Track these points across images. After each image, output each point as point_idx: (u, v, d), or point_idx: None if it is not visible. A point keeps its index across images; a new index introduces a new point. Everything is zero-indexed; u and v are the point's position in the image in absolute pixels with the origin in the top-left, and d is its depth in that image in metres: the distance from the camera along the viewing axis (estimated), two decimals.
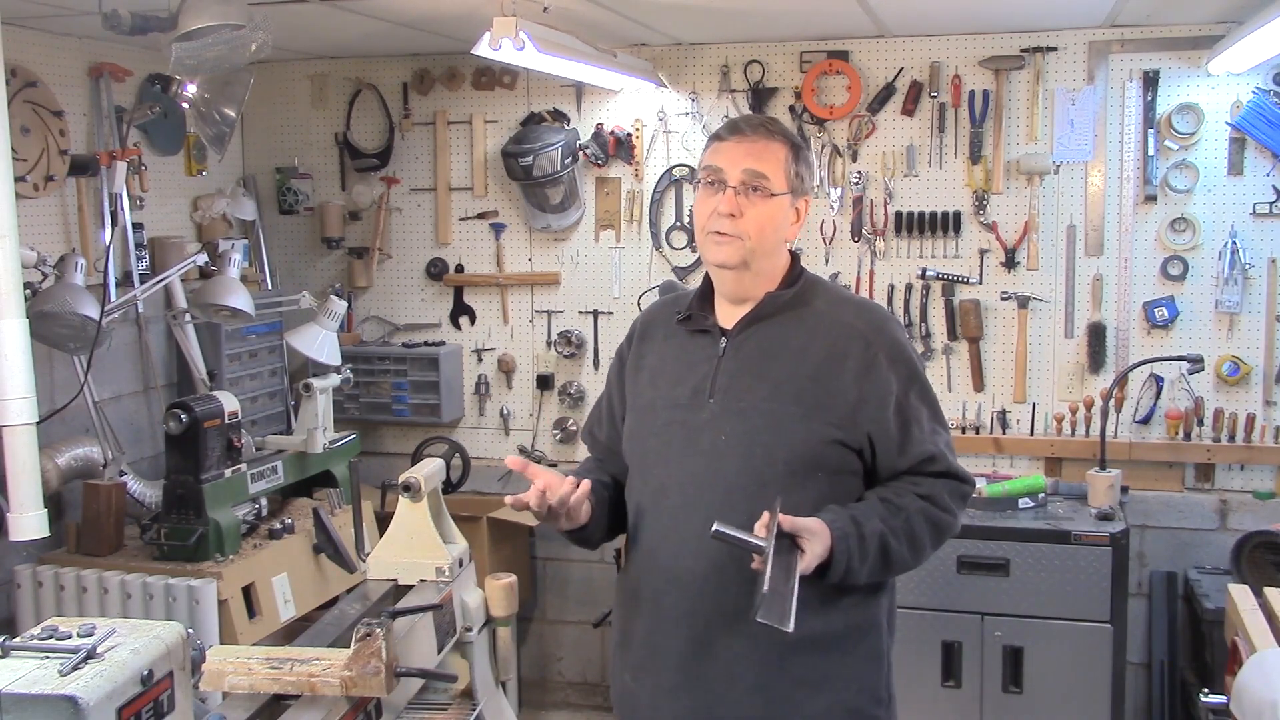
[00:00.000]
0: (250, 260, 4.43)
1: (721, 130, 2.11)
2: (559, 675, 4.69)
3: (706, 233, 2.07)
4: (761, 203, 2.04)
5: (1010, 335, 4.06)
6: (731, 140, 2.07)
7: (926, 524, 2.04)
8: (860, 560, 1.96)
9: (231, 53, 2.64)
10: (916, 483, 2.07)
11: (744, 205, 2.03)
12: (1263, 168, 3.82)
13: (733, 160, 2.05)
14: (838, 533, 1.93)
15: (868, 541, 1.96)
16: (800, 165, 2.10)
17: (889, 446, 2.05)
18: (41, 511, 2.15)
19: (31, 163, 3.49)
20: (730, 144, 2.07)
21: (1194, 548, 3.96)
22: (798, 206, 2.11)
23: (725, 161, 2.05)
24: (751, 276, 2.09)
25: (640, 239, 4.36)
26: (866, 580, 2.01)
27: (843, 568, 1.94)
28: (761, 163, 2.04)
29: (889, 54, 4.06)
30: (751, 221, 2.03)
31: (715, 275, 2.14)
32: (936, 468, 2.07)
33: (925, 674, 3.66)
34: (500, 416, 4.55)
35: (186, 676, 1.63)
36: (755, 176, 2.03)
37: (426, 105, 4.49)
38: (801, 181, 2.10)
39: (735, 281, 2.10)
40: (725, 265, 2.07)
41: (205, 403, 3.43)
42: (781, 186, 2.06)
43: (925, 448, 2.06)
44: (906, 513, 2.02)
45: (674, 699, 2.08)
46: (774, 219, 2.06)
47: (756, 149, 2.05)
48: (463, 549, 2.62)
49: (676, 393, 2.12)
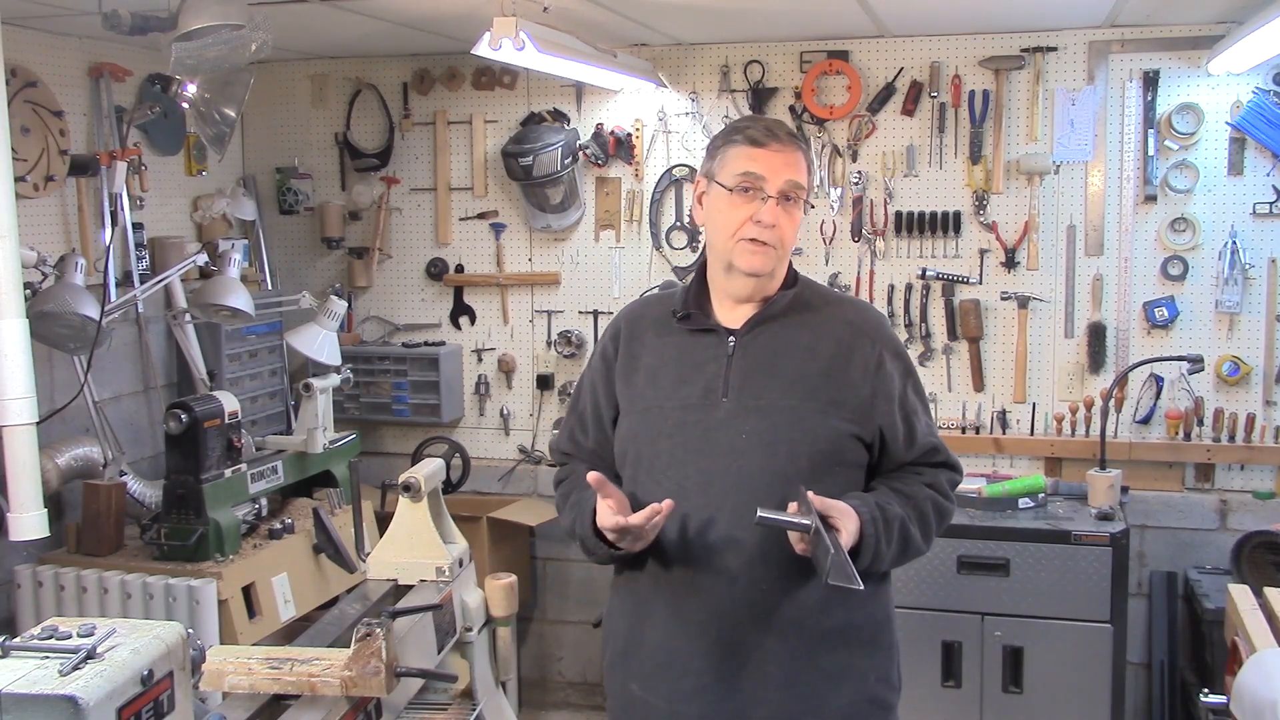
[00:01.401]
0: (250, 260, 4.43)
1: (756, 135, 2.06)
2: (559, 675, 4.69)
3: (739, 239, 2.05)
4: (796, 212, 2.08)
5: (1010, 335, 4.06)
6: (770, 149, 2.04)
7: (934, 511, 2.13)
8: (886, 544, 2.01)
9: (231, 53, 2.64)
10: (920, 472, 2.15)
11: (782, 215, 2.05)
12: (1263, 168, 3.82)
13: (774, 170, 2.03)
14: (865, 516, 1.98)
15: (891, 526, 2.02)
16: (812, 171, 2.18)
17: (897, 440, 2.12)
18: (41, 511, 2.15)
19: (31, 163, 3.49)
20: (768, 153, 2.04)
21: (1194, 548, 3.96)
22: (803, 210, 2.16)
23: (766, 170, 2.03)
24: (770, 280, 2.12)
25: (640, 239, 4.36)
26: (889, 566, 2.08)
27: (871, 551, 1.98)
28: (799, 173, 2.06)
29: (889, 54, 4.06)
30: (787, 230, 2.07)
31: (734, 280, 2.11)
32: (939, 458, 2.17)
33: (925, 674, 3.65)
34: (500, 416, 4.56)
35: (186, 676, 1.63)
36: (795, 188, 2.05)
37: (426, 105, 4.49)
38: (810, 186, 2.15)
39: (758, 286, 2.11)
40: (759, 273, 2.07)
41: (205, 403, 3.43)
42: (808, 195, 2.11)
43: (930, 440, 2.16)
44: (917, 500, 2.10)
45: (699, 703, 2.06)
46: (797, 226, 2.10)
47: (793, 160, 2.06)
48: (463, 549, 2.63)
49: (685, 392, 2.10)
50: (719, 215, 2.08)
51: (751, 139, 2.06)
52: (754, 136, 2.06)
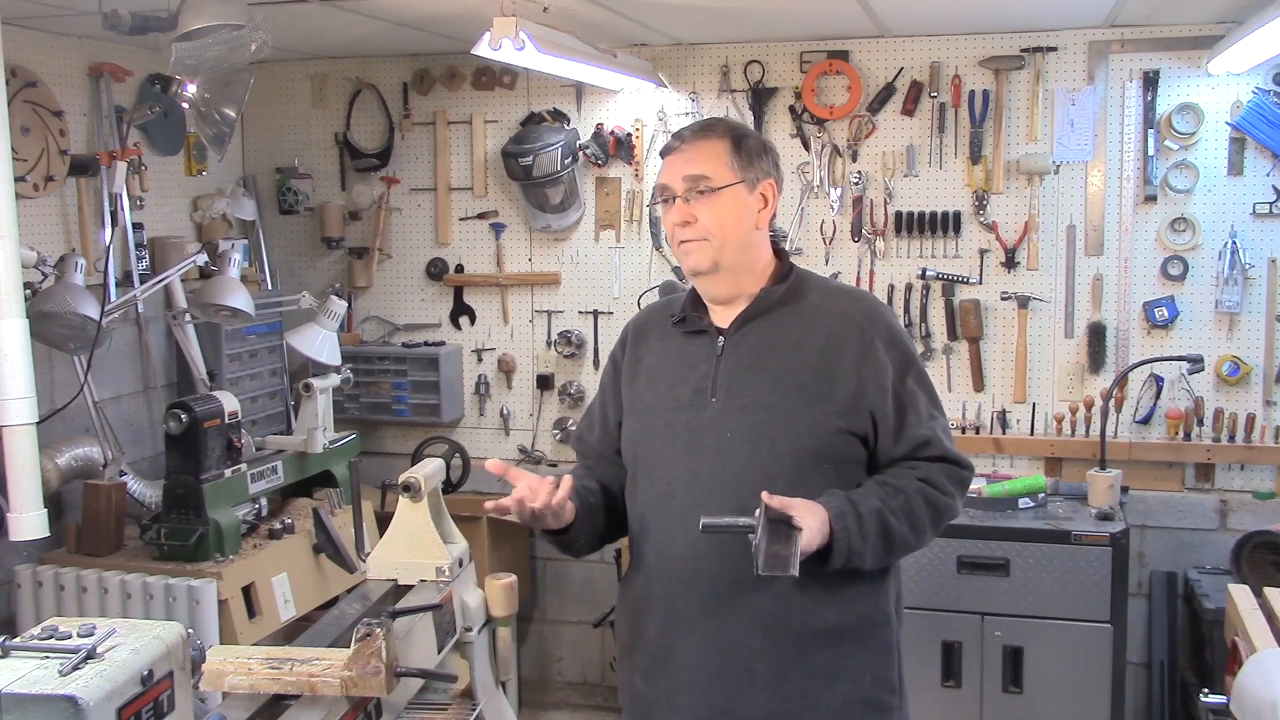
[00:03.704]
0: (250, 260, 4.43)
1: (667, 145, 2.17)
2: (559, 675, 4.69)
3: (677, 244, 2.13)
4: (710, 200, 2.07)
5: (1010, 335, 4.06)
6: (671, 155, 2.14)
7: (925, 504, 2.06)
8: (861, 539, 1.97)
9: (231, 53, 2.64)
10: (914, 466, 2.09)
11: (694, 210, 2.08)
12: (1263, 168, 3.82)
13: (673, 171, 2.11)
14: (834, 511, 1.95)
15: (865, 521, 1.98)
16: (744, 154, 2.10)
17: (886, 431, 2.07)
18: (41, 511, 2.15)
19: (31, 163, 3.50)
20: (670, 158, 2.14)
21: (1194, 548, 3.96)
22: (762, 192, 2.12)
23: (668, 176, 2.12)
24: (730, 274, 2.11)
25: (640, 239, 4.36)
26: (872, 564, 2.02)
27: (844, 547, 1.95)
28: (697, 164, 2.08)
29: (889, 54, 4.06)
30: (708, 221, 2.07)
31: (697, 282, 2.18)
32: (932, 452, 2.09)
33: (925, 674, 3.65)
34: (500, 416, 4.55)
35: (186, 676, 1.63)
36: (695, 180, 2.08)
37: (426, 105, 4.49)
38: (752, 166, 2.11)
39: (714, 283, 2.13)
40: (700, 270, 2.11)
41: (205, 403, 3.43)
42: (725, 178, 2.08)
43: (920, 432, 2.08)
44: (905, 493, 2.04)
45: (692, 698, 2.09)
46: (731, 211, 2.08)
47: (691, 153, 2.11)
48: (463, 549, 2.62)
49: (677, 393, 2.13)
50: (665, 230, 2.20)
51: (662, 152, 2.16)
52: (663, 148, 2.17)
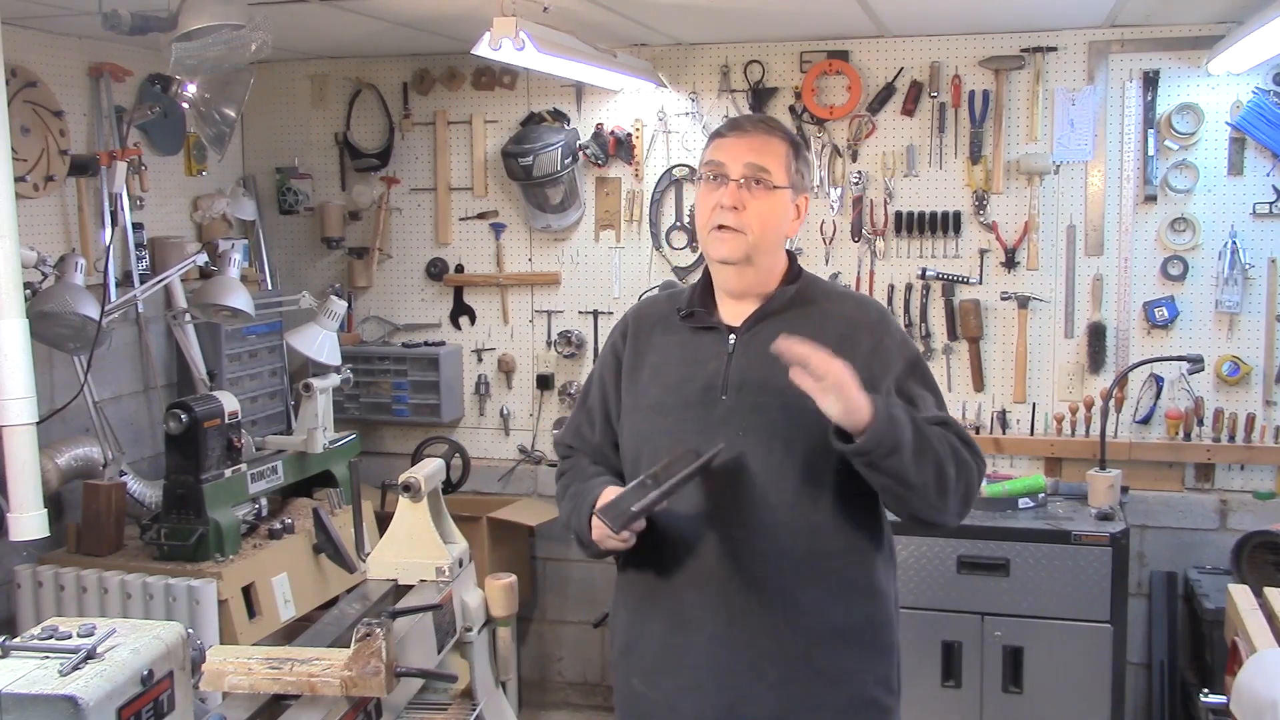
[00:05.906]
0: (250, 260, 4.43)
1: (722, 128, 2.15)
2: (559, 675, 4.69)
3: (710, 228, 2.08)
4: (764, 195, 2.06)
5: (1010, 335, 4.06)
6: (732, 136, 2.10)
7: (948, 446, 1.99)
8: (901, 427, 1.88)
9: (231, 53, 2.64)
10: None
11: (747, 198, 2.05)
12: (1263, 168, 3.82)
13: (735, 154, 2.07)
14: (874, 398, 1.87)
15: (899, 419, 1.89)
16: (800, 162, 2.12)
17: None
18: (41, 511, 2.15)
19: (31, 163, 3.49)
20: (731, 139, 2.10)
21: (1194, 548, 3.96)
22: (798, 204, 2.14)
23: (727, 156, 2.08)
24: (754, 272, 2.10)
25: (640, 239, 4.36)
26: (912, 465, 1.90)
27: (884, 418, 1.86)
28: (763, 157, 2.06)
29: (889, 54, 4.06)
30: (754, 215, 2.05)
31: (718, 271, 2.15)
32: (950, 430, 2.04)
33: (925, 674, 3.65)
34: (500, 416, 4.55)
35: (186, 676, 1.63)
36: (757, 170, 2.06)
37: (426, 105, 4.49)
38: (801, 178, 2.13)
39: (738, 277, 2.11)
40: (729, 260, 2.08)
41: (205, 403, 3.43)
42: (783, 180, 2.08)
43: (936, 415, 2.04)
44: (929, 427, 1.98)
45: (696, 698, 2.07)
46: (776, 213, 2.08)
47: (757, 144, 2.08)
48: (463, 549, 2.63)
49: (686, 390, 2.11)
50: (698, 208, 2.14)
51: (719, 132, 2.14)
52: (721, 129, 2.15)
